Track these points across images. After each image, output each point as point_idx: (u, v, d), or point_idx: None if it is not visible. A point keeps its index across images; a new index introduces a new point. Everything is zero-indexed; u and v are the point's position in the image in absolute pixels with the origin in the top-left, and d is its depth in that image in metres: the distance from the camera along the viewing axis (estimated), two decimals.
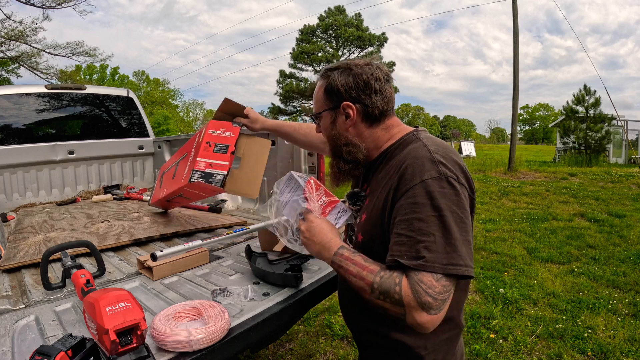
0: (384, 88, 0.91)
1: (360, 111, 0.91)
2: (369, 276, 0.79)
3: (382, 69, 0.92)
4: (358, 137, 0.94)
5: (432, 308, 0.72)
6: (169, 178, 1.96)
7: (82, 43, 18.93)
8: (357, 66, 0.91)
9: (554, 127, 21.34)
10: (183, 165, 1.70)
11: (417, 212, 0.75)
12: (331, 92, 0.93)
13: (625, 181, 8.81)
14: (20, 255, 1.51)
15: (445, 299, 0.73)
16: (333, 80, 0.92)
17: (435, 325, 0.74)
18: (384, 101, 0.91)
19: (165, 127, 34.28)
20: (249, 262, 1.31)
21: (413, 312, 0.73)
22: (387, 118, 0.93)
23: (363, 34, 30.35)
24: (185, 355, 0.79)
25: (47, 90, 3.20)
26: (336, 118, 0.94)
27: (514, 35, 11.54)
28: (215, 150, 1.43)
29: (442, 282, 0.72)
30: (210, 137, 1.47)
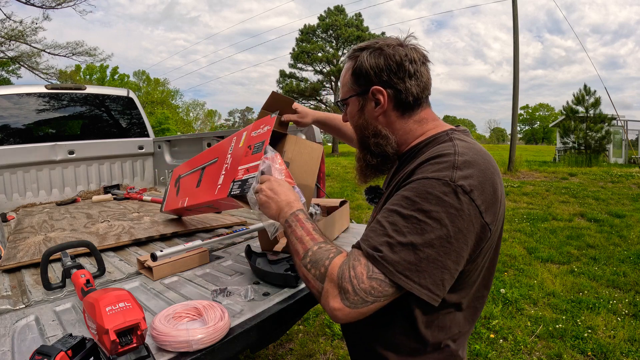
0: (420, 71, 0.80)
1: (392, 97, 0.80)
2: (309, 242, 0.75)
3: (417, 50, 0.81)
4: (388, 127, 0.84)
5: (348, 299, 0.65)
6: (191, 186, 1.71)
7: (82, 43, 18.97)
8: (389, 46, 0.80)
9: (554, 127, 21.34)
10: (214, 173, 1.45)
11: (403, 206, 0.67)
12: (359, 75, 0.83)
13: (625, 181, 8.81)
14: (20, 255, 1.51)
15: (366, 300, 0.65)
16: (362, 61, 0.82)
17: (347, 319, 0.67)
18: (419, 86, 0.80)
19: (166, 127, 34.30)
20: (249, 262, 1.31)
21: (329, 293, 0.68)
22: (422, 108, 0.83)
23: (363, 34, 30.34)
24: (185, 355, 0.79)
25: (47, 90, 3.20)
26: (365, 105, 0.84)
27: (514, 35, 11.55)
28: (254, 151, 1.16)
29: (374, 283, 0.65)
30: (252, 139, 1.23)
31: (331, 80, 31.79)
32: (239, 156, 1.25)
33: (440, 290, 0.66)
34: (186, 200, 1.68)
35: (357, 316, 0.67)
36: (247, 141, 1.26)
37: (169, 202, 2.05)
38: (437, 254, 0.64)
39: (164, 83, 43.96)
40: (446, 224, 0.64)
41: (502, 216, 0.74)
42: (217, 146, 1.61)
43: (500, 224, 0.74)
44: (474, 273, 0.75)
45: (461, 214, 0.64)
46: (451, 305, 0.76)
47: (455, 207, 0.64)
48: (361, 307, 0.66)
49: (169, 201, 2.04)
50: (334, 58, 30.85)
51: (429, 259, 0.64)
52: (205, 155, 1.70)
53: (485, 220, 0.68)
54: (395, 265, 0.64)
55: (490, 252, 0.76)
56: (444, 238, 0.64)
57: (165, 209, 2.08)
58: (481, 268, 0.77)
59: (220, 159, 1.47)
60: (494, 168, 0.73)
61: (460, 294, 0.76)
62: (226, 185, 1.24)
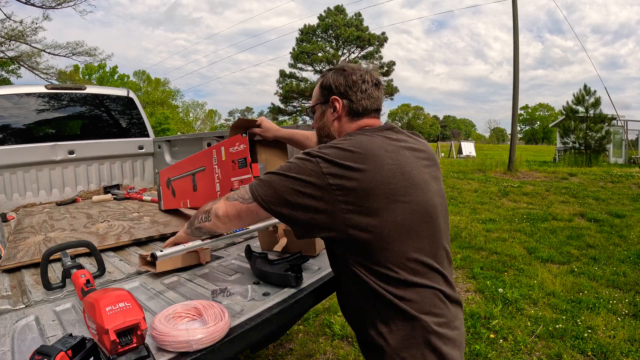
0: (370, 90, 1.02)
1: (345, 106, 1.03)
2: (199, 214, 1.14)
3: (373, 75, 1.04)
4: (338, 131, 1.06)
5: (228, 198, 1.02)
6: (187, 189, 1.98)
7: (82, 43, 18.95)
8: (350, 68, 1.04)
9: (554, 127, 21.34)
10: (207, 180, 1.74)
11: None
12: (324, 88, 1.06)
13: (625, 181, 8.81)
14: (20, 255, 1.51)
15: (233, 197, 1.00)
16: (327, 78, 1.05)
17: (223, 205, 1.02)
18: (369, 100, 1.02)
19: (166, 127, 34.29)
20: (249, 262, 1.31)
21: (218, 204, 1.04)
22: (367, 117, 1.04)
23: (363, 34, 30.36)
24: (185, 355, 0.79)
25: (47, 90, 3.20)
26: (325, 111, 1.07)
27: (514, 35, 11.54)
28: (239, 166, 1.49)
29: (243, 189, 0.97)
30: (232, 155, 1.54)
31: None
32: (228, 169, 1.56)
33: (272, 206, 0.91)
34: (188, 202, 1.95)
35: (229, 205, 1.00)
36: (229, 156, 1.56)
37: (166, 202, 2.30)
38: (278, 184, 0.89)
39: (165, 83, 43.95)
40: (291, 170, 0.89)
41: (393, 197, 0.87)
42: (198, 156, 1.86)
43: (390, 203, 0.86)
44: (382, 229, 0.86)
45: (303, 169, 0.88)
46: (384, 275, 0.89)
47: (301, 163, 0.89)
48: (231, 200, 1.00)
49: (167, 201, 2.29)
50: (334, 58, 30.84)
51: (271, 184, 0.90)
52: (190, 162, 1.93)
53: (328, 180, 0.85)
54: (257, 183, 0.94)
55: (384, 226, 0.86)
56: (286, 177, 0.89)
57: (164, 207, 2.32)
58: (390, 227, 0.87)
59: (207, 168, 1.73)
60: (374, 151, 0.89)
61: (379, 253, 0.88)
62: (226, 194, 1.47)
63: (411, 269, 0.89)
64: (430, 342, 0.88)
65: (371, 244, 0.88)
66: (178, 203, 2.11)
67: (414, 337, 0.88)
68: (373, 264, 0.89)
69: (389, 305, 0.89)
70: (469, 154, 21.90)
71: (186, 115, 50.40)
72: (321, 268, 1.34)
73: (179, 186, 2.09)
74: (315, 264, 1.38)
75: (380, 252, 0.88)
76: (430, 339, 0.88)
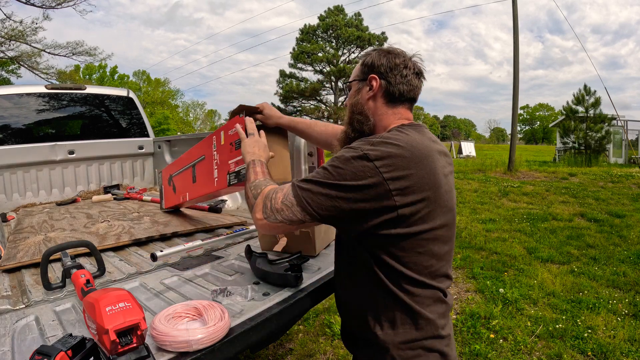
0: (410, 77, 0.99)
1: (382, 86, 1.00)
2: (259, 176, 1.05)
3: (416, 63, 1.01)
4: (372, 112, 1.02)
5: (265, 213, 0.92)
6: (187, 182, 1.94)
7: (82, 43, 18.92)
8: (395, 51, 1.02)
9: (554, 127, 21.33)
10: (207, 168, 1.69)
11: (329, 162, 0.89)
12: (365, 66, 1.04)
13: (625, 181, 8.81)
14: (20, 255, 1.51)
15: (276, 217, 0.90)
16: (370, 57, 1.03)
17: (263, 228, 0.94)
18: (406, 87, 0.99)
19: (166, 127, 34.27)
20: (249, 262, 1.31)
21: (257, 205, 0.95)
22: (403, 105, 1.02)
23: (363, 34, 30.37)
24: (185, 355, 0.79)
25: (47, 90, 3.20)
26: (361, 88, 1.04)
27: (514, 35, 11.54)
28: (236, 148, 1.44)
29: (284, 207, 0.88)
30: (230, 137, 1.51)
31: (331, 80, 31.79)
32: (226, 152, 1.51)
33: (334, 221, 0.88)
34: (187, 195, 1.91)
35: (270, 229, 0.93)
36: (227, 139, 1.52)
37: (168, 200, 2.27)
38: (337, 194, 0.83)
39: (165, 83, 43.93)
40: (347, 178, 0.83)
41: (435, 198, 0.87)
42: (198, 146, 1.82)
43: (431, 204, 0.87)
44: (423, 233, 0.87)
45: (362, 174, 0.82)
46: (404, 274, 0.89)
47: (358, 168, 0.83)
48: (272, 221, 0.91)
49: (168, 199, 2.26)
50: (334, 58, 30.85)
51: (328, 196, 0.84)
52: (190, 155, 1.90)
53: (388, 185, 0.82)
54: (304, 191, 0.87)
55: (423, 226, 0.87)
56: (345, 187, 0.83)
57: (165, 206, 2.30)
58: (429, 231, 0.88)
59: (207, 156, 1.70)
60: (421, 150, 0.88)
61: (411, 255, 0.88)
62: (223, 178, 1.51)
63: (430, 273, 0.91)
64: (434, 343, 0.91)
65: (408, 245, 0.87)
66: (178, 198, 2.10)
67: (418, 338, 0.90)
68: (401, 264, 0.88)
69: (399, 304, 0.90)
70: (469, 154, 21.91)
71: (186, 115, 50.37)
72: (321, 268, 1.34)
73: (180, 181, 2.08)
74: (315, 264, 1.38)
75: (413, 254, 0.88)
76: (434, 339, 0.91)
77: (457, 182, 9.04)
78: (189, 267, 1.38)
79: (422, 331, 0.89)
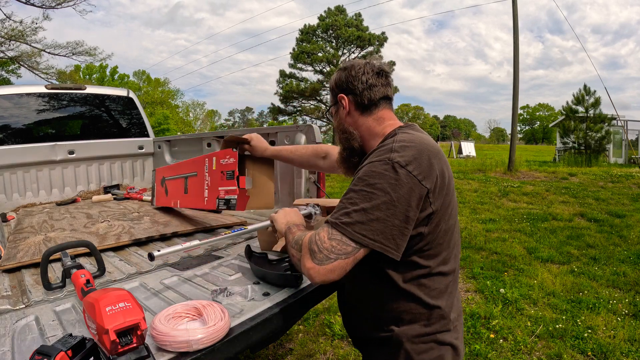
0: (370, 80, 1.02)
1: (352, 100, 1.04)
2: (296, 234, 1.01)
3: (374, 65, 1.04)
4: (353, 125, 1.06)
5: (316, 257, 0.84)
6: (179, 191, 2.09)
7: (82, 43, 18.91)
8: (350, 64, 1.06)
9: (554, 127, 21.33)
10: (198, 185, 1.84)
11: (355, 184, 0.87)
12: (331, 90, 1.10)
13: (625, 181, 8.81)
14: (20, 255, 1.51)
15: (329, 257, 0.83)
16: (332, 79, 1.09)
17: (319, 275, 0.84)
18: (371, 92, 1.02)
19: (166, 127, 34.26)
20: (249, 262, 1.31)
21: (303, 256, 0.88)
22: (379, 109, 1.03)
23: (363, 34, 30.34)
24: (185, 355, 0.79)
25: (47, 90, 3.20)
26: (338, 110, 1.09)
27: (514, 35, 11.54)
28: (227, 177, 1.60)
29: (334, 242, 0.83)
30: (222, 166, 1.64)
31: None
32: (217, 178, 1.67)
33: (391, 243, 0.82)
34: (178, 203, 2.09)
35: (326, 272, 0.84)
36: (219, 167, 1.66)
37: (159, 199, 2.41)
38: (385, 215, 0.81)
39: (165, 83, 43.90)
40: (389, 191, 0.81)
41: (447, 191, 0.90)
42: (191, 162, 1.96)
43: (446, 197, 0.90)
44: (438, 237, 0.90)
45: (400, 183, 0.82)
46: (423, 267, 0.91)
47: (395, 178, 0.82)
48: (326, 263, 0.84)
49: (159, 198, 2.40)
50: (334, 58, 30.83)
51: (378, 219, 0.81)
52: (184, 166, 2.04)
53: (425, 185, 0.84)
54: (351, 225, 0.82)
55: (444, 218, 0.90)
56: (389, 202, 0.81)
57: (156, 204, 2.45)
58: (443, 233, 0.91)
59: (199, 174, 1.85)
60: (433, 148, 0.91)
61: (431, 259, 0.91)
62: (212, 200, 1.69)
63: (444, 263, 0.94)
64: (445, 336, 0.94)
65: (432, 239, 0.89)
66: (169, 202, 2.22)
67: (431, 332, 0.93)
68: (423, 259, 0.90)
69: (415, 299, 0.91)
70: (469, 154, 21.91)
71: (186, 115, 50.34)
72: None
73: (172, 186, 2.20)
74: None
75: (434, 246, 0.90)
76: (446, 333, 0.94)
77: (457, 182, 9.04)
78: (189, 267, 1.38)
79: (436, 325, 0.93)
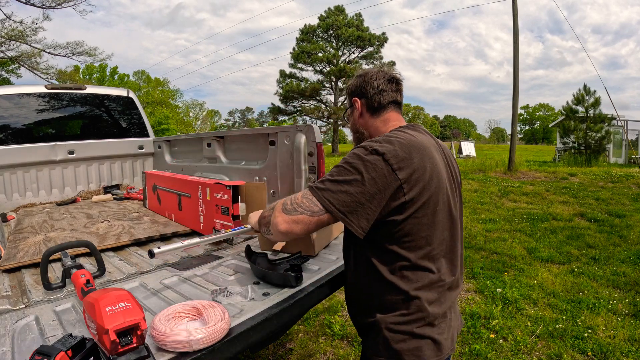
0: (382, 85, 1.13)
1: (364, 104, 1.16)
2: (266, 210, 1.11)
3: (386, 72, 1.15)
4: (364, 126, 1.17)
5: (285, 209, 0.97)
6: (172, 205, 2.13)
7: (82, 43, 18.91)
8: (365, 71, 1.17)
9: (554, 127, 21.33)
10: (192, 207, 1.91)
11: (339, 163, 0.97)
12: (347, 94, 1.23)
13: (625, 181, 8.81)
14: (20, 255, 1.51)
15: (296, 209, 0.95)
16: (349, 84, 1.22)
17: (284, 222, 0.95)
18: (381, 96, 1.13)
19: (166, 127, 34.26)
20: (249, 262, 1.31)
21: (274, 211, 1.00)
22: (387, 111, 1.14)
23: (363, 34, 30.35)
24: (185, 355, 0.79)
25: (47, 90, 3.20)
26: (352, 113, 1.21)
27: (514, 36, 11.54)
28: (222, 212, 1.67)
29: (305, 200, 0.95)
30: (216, 200, 1.71)
31: (331, 80, 31.78)
32: (211, 210, 1.75)
33: (354, 218, 0.90)
34: (173, 217, 2.15)
35: (290, 222, 0.95)
36: (213, 199, 1.73)
37: (151, 204, 2.48)
38: (354, 190, 0.90)
39: (164, 82, 43.88)
40: (362, 172, 0.90)
41: (428, 186, 0.95)
42: (185, 181, 2.01)
43: (425, 190, 0.94)
44: (417, 229, 0.95)
45: (374, 167, 0.90)
46: (404, 259, 0.96)
47: (370, 162, 0.91)
48: (293, 214, 0.95)
49: (152, 205, 2.46)
50: (334, 58, 30.83)
51: (347, 192, 0.90)
52: (176, 183, 2.10)
53: (398, 175, 0.90)
54: (322, 191, 0.93)
55: (424, 211, 0.95)
56: (359, 181, 0.90)
57: (149, 207, 2.52)
58: (425, 227, 0.96)
59: (193, 197, 1.89)
60: (419, 145, 0.98)
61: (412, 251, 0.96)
62: (208, 229, 1.76)
63: (427, 257, 0.98)
64: (425, 330, 0.97)
65: (410, 229, 0.95)
66: (163, 212, 2.28)
67: (407, 321, 0.96)
68: (402, 248, 0.95)
69: (395, 289, 0.97)
70: (469, 154, 21.89)
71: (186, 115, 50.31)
72: (321, 268, 1.34)
73: (165, 197, 2.25)
74: (315, 264, 1.38)
75: (414, 237, 0.95)
76: (425, 326, 0.97)
77: None
78: (189, 267, 1.38)
79: (413, 315, 0.95)
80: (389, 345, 0.96)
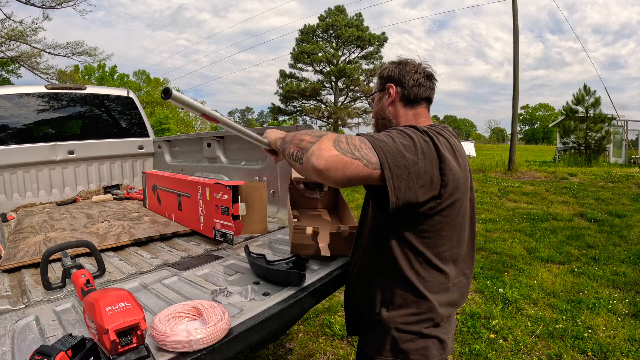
0: (421, 79, 1.13)
1: (399, 92, 1.13)
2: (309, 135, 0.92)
3: (426, 69, 1.15)
4: (394, 114, 1.15)
5: (339, 146, 0.82)
6: (172, 205, 2.12)
7: (82, 43, 18.89)
8: (406, 61, 1.16)
9: (554, 127, 21.32)
10: (192, 208, 1.89)
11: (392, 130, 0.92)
12: (382, 78, 1.18)
13: (625, 181, 8.81)
14: (20, 255, 1.51)
15: (353, 152, 0.81)
16: (386, 69, 1.18)
17: (331, 158, 0.79)
18: (419, 90, 1.12)
19: (166, 127, 34.25)
20: (250, 260, 1.31)
21: (322, 141, 0.84)
22: (420, 106, 1.13)
23: (363, 34, 30.32)
24: (185, 355, 0.79)
25: (47, 90, 3.20)
26: (382, 97, 1.18)
27: (514, 36, 11.54)
28: (222, 212, 1.65)
29: (364, 145, 0.83)
30: (216, 200, 1.69)
31: (331, 80, 31.76)
32: (211, 210, 1.71)
33: (398, 182, 0.83)
34: (173, 217, 2.13)
35: (339, 161, 0.80)
36: (212, 200, 1.70)
37: (151, 204, 2.47)
38: (409, 156, 0.84)
39: (164, 82, 43.82)
40: (417, 145, 0.87)
41: (457, 189, 0.94)
42: (184, 181, 1.98)
43: (455, 192, 0.93)
44: (441, 226, 0.95)
45: (428, 147, 0.88)
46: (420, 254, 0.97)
47: (424, 140, 0.89)
48: (348, 155, 0.81)
49: (152, 204, 2.46)
50: (334, 58, 30.82)
51: (403, 156, 0.84)
52: (176, 183, 2.08)
53: (441, 166, 0.88)
54: (381, 142, 0.84)
55: (449, 212, 0.94)
56: (413, 150, 0.85)
57: (149, 208, 2.50)
58: (448, 227, 0.97)
59: (192, 197, 1.88)
60: (458, 148, 0.98)
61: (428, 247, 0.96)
62: (209, 228, 1.74)
63: (446, 258, 0.99)
64: (431, 330, 0.98)
65: (437, 225, 0.95)
66: (163, 212, 2.27)
67: (418, 321, 0.97)
68: (424, 245, 0.96)
69: (409, 286, 0.97)
70: (469, 154, 21.89)
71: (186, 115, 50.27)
72: (321, 268, 1.34)
73: (165, 197, 2.24)
74: (315, 263, 1.38)
75: (437, 235, 0.95)
76: (433, 327, 0.98)
77: None
78: (189, 267, 1.38)
79: (423, 315, 0.96)
80: (397, 346, 0.96)
